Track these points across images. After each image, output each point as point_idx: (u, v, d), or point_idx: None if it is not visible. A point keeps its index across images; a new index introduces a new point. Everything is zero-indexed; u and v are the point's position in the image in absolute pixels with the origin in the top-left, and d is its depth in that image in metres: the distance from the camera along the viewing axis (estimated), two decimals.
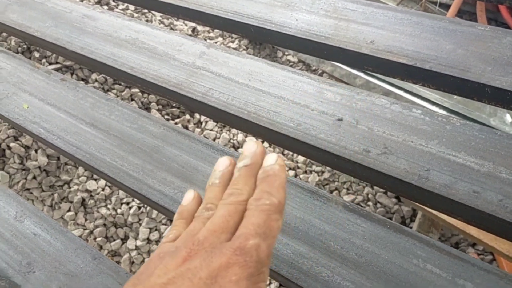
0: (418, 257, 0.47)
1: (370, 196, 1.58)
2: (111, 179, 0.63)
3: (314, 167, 1.67)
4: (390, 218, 1.50)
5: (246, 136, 1.71)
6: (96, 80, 1.70)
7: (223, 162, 0.39)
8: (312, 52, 0.70)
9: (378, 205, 1.56)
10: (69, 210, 1.54)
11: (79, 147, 0.66)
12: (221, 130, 1.73)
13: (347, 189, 1.62)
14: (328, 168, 1.66)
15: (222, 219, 0.32)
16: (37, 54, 1.68)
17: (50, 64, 1.68)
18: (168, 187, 0.59)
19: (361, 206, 1.56)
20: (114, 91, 1.70)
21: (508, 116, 1.13)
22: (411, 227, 1.44)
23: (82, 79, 1.71)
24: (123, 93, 1.69)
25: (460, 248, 1.42)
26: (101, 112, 0.71)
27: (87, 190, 1.55)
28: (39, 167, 1.53)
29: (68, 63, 1.69)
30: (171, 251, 0.31)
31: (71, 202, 1.54)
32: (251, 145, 0.38)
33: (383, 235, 0.50)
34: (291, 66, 1.98)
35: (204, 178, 0.59)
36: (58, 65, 1.67)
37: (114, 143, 0.66)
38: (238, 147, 1.69)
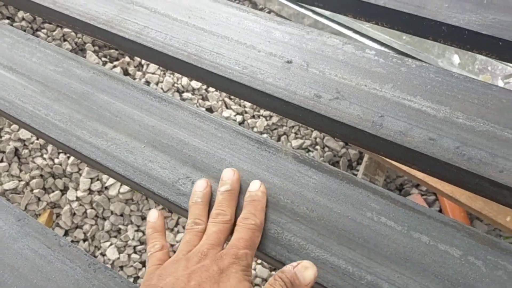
0: (372, 210, 0.44)
1: (318, 140, 1.56)
2: (35, 131, 0.56)
3: (262, 111, 1.63)
4: (338, 162, 1.50)
5: (191, 80, 1.63)
6: (23, 19, 1.54)
7: (201, 184, 0.47)
8: None
9: (326, 149, 1.55)
10: (1, 161, 1.44)
11: None
12: (164, 74, 1.64)
13: (295, 133, 1.59)
14: None
15: (216, 235, 0.43)
16: None
17: None
18: (100, 138, 0.53)
19: (309, 150, 1.55)
20: (44, 30, 1.56)
21: (456, 57, 1.12)
22: (357, 170, 1.44)
23: (8, 18, 1.55)
24: (54, 33, 1.55)
25: (404, 190, 1.45)
26: (20, 54, 0.62)
27: (20, 139, 1.44)
28: None
29: None
30: (186, 257, 0.42)
31: (3, 152, 1.44)
32: (229, 172, 0.48)
33: (336, 187, 0.47)
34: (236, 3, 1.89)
35: (141, 128, 0.53)
36: None
37: (37, 90, 0.58)
38: (182, 91, 1.61)
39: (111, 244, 1.39)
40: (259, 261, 1.35)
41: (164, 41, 0.58)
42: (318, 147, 1.55)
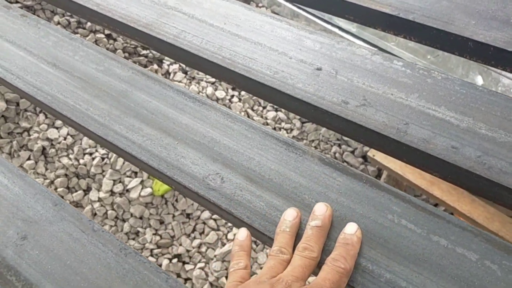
0: (393, 212, 0.46)
1: (337, 155, 1.58)
2: (75, 124, 0.59)
3: (283, 124, 1.66)
4: None
5: (215, 90, 1.67)
6: (58, 23, 1.61)
7: (291, 214, 0.47)
8: None
9: (345, 164, 1.57)
10: (28, 159, 1.49)
11: (40, 88, 0.62)
12: (190, 82, 1.68)
13: (315, 147, 1.61)
14: (297, 126, 1.64)
15: (301, 269, 0.42)
16: None
17: (10, 3, 1.58)
18: (136, 134, 0.56)
19: (338, 161, 1.57)
20: (78, 35, 1.62)
21: (479, 78, 1.13)
22: None
23: None
24: (87, 38, 1.61)
25: None
26: (64, 52, 0.66)
27: (48, 139, 1.49)
28: None
29: (29, 2, 1.58)
30: (270, 282, 0.41)
31: (31, 150, 1.48)
32: (322, 207, 0.47)
33: (359, 190, 0.49)
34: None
35: (175, 126, 0.56)
36: (18, 5, 1.57)
37: (78, 86, 0.62)
38: None
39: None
40: None
41: (200, 45, 0.61)
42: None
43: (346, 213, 0.47)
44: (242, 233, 0.48)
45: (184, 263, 1.44)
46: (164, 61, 1.71)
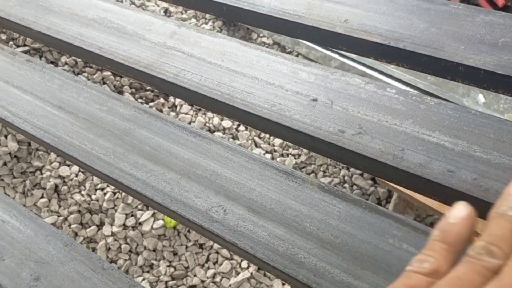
0: (394, 237, 0.47)
1: (346, 178, 1.58)
2: (81, 163, 0.61)
3: (290, 150, 1.67)
4: (366, 200, 1.51)
5: (222, 120, 1.69)
6: (66, 63, 1.65)
7: None
8: (286, 31, 0.68)
9: (354, 187, 1.57)
10: (42, 197, 1.51)
11: (47, 130, 0.64)
12: (197, 114, 1.71)
13: (324, 171, 1.62)
14: (305, 151, 1.66)
15: None
16: (3, 36, 1.62)
17: (18, 46, 1.63)
18: (140, 170, 0.58)
19: (337, 188, 1.57)
20: (85, 74, 1.66)
21: (481, 96, 1.14)
22: (387, 208, 1.45)
23: (52, 62, 1.66)
24: (94, 76, 1.65)
25: None
26: (69, 94, 0.69)
27: (60, 176, 1.52)
28: (10, 153, 1.49)
29: (37, 45, 1.63)
30: None
31: (44, 188, 1.51)
32: None
33: (359, 215, 0.50)
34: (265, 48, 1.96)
35: (178, 161, 0.58)
36: (26, 48, 1.62)
37: (83, 126, 0.64)
38: (214, 131, 1.68)
39: (143, 279, 1.42)
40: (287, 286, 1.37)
41: (199, 82, 0.63)
42: (346, 185, 1.57)
43: (347, 239, 0.48)
44: (456, 211, 0.31)
45: None
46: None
